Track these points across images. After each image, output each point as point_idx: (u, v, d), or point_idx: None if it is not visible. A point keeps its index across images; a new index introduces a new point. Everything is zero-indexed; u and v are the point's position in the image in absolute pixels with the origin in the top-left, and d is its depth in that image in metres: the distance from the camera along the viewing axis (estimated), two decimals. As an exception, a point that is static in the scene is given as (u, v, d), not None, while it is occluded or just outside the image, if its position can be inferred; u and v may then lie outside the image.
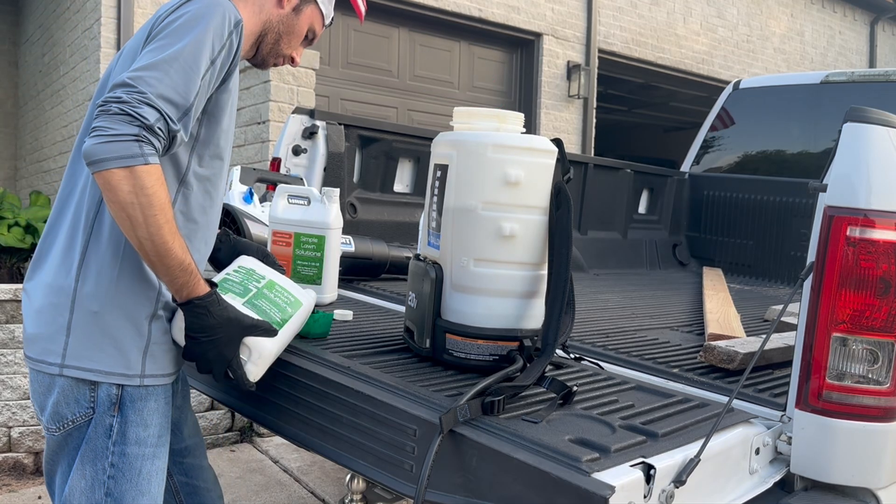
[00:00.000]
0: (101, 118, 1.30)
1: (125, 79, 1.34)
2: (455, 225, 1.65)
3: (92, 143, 1.29)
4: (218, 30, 1.44)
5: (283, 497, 3.68)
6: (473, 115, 1.72)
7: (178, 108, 1.37)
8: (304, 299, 1.71)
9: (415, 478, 1.34)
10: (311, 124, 2.89)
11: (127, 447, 1.48)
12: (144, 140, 1.30)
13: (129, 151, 1.29)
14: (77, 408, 1.46)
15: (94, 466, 1.46)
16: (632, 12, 9.35)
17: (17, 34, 8.95)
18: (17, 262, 5.15)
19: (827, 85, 4.09)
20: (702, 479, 1.27)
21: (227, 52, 1.47)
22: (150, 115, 1.32)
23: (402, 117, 7.82)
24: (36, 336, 1.48)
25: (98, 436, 1.46)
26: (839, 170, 1.43)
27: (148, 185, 1.31)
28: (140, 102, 1.31)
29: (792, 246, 3.92)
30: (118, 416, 1.46)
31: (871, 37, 12.65)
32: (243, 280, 1.62)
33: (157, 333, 1.50)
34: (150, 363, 1.49)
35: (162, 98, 1.34)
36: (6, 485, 3.72)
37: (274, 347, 1.57)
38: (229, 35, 1.47)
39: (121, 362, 1.46)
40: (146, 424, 1.50)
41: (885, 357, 1.39)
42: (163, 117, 1.34)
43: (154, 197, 1.32)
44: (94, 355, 1.44)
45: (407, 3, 7.54)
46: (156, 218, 1.33)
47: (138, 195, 1.30)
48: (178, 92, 1.37)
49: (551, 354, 1.56)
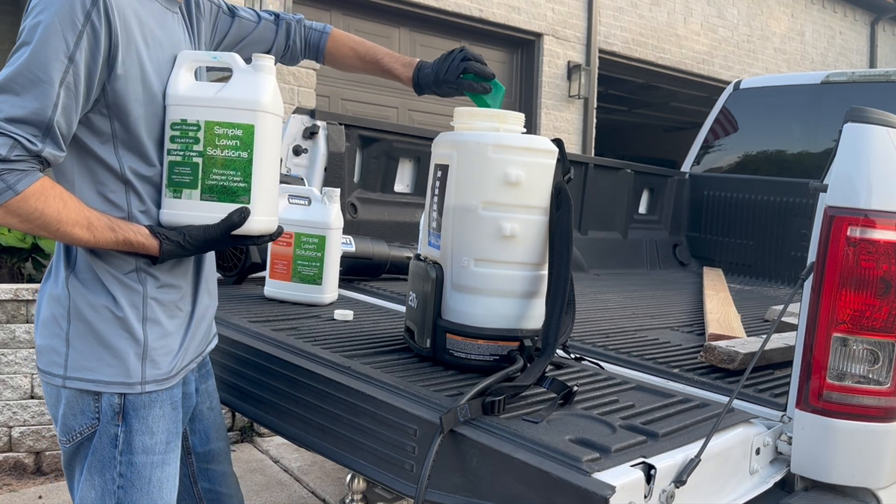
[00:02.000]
0: None
1: None
2: (455, 225, 1.65)
3: None
4: (67, 20, 1.28)
5: (283, 497, 3.68)
6: (474, 116, 1.72)
7: (36, 126, 1.26)
8: (255, 109, 1.45)
9: (415, 478, 1.34)
10: (311, 124, 2.89)
11: (134, 456, 1.45)
12: (5, 172, 1.23)
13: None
14: (83, 419, 1.44)
15: (102, 477, 1.45)
16: (632, 12, 9.35)
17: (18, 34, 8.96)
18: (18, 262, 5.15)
19: (827, 85, 4.09)
20: (702, 480, 1.27)
21: (92, 38, 1.31)
22: (2, 145, 1.23)
23: (403, 117, 7.82)
24: (42, 348, 1.47)
25: (104, 446, 1.44)
26: (840, 170, 1.43)
27: (30, 209, 1.27)
28: None
29: (792, 246, 3.92)
30: (122, 425, 1.44)
31: (871, 37, 12.64)
32: (184, 151, 1.44)
33: (153, 337, 1.46)
34: (151, 368, 1.45)
35: (12, 121, 1.25)
36: (7, 484, 3.72)
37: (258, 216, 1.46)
38: (86, 19, 1.30)
39: (120, 371, 1.43)
40: (152, 432, 1.47)
41: (886, 357, 1.39)
42: (17, 143, 1.24)
43: (45, 215, 1.29)
44: (93, 365, 1.42)
45: (407, 3, 7.54)
46: (60, 230, 1.31)
47: (30, 221, 1.28)
48: (30, 110, 1.26)
49: (552, 354, 1.56)
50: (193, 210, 1.44)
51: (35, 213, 1.28)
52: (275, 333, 1.89)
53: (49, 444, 3.90)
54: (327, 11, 7.18)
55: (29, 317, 3.86)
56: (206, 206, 1.44)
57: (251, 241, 1.52)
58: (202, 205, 1.44)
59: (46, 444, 3.90)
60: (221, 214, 1.43)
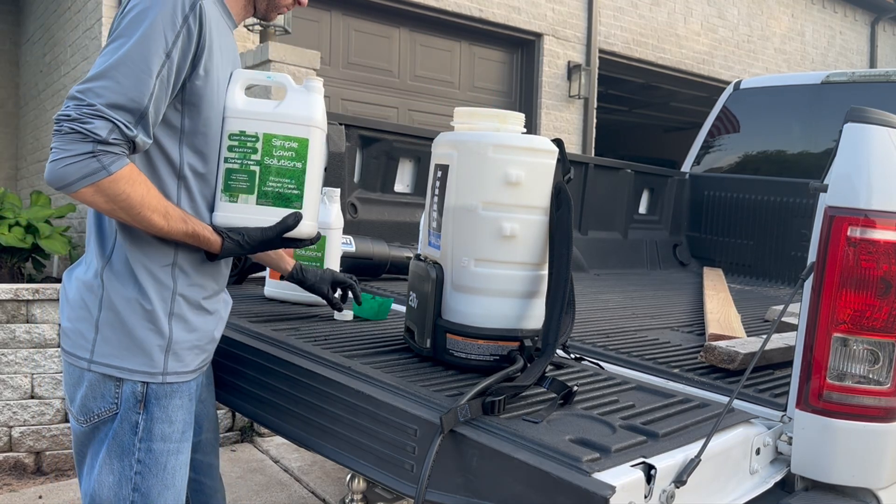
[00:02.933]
0: (56, 139, 1.32)
1: (75, 92, 1.34)
2: (456, 225, 1.65)
3: (52, 168, 1.32)
4: (168, 20, 1.40)
5: (283, 497, 3.68)
6: (474, 116, 1.72)
7: (132, 113, 1.36)
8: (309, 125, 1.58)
9: (415, 478, 1.34)
10: (311, 124, 2.88)
11: (153, 443, 1.51)
12: (101, 153, 1.32)
13: (89, 169, 1.32)
14: (103, 402, 1.50)
15: (121, 462, 1.50)
16: (632, 12, 9.35)
17: (18, 34, 8.95)
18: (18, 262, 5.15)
19: (827, 85, 4.09)
20: (702, 480, 1.27)
21: (186, 39, 1.43)
22: (102, 128, 1.32)
23: (403, 117, 7.82)
24: (68, 330, 1.52)
25: (125, 432, 1.50)
26: (840, 170, 1.43)
27: (119, 191, 1.35)
28: (90, 116, 1.32)
29: (792, 246, 3.92)
30: (144, 413, 1.50)
31: (871, 37, 12.64)
32: (242, 160, 1.56)
33: (178, 332, 1.53)
34: (173, 361, 1.52)
35: (112, 107, 1.34)
36: (7, 484, 3.72)
37: (308, 220, 1.58)
38: (184, 21, 1.42)
39: (144, 361, 1.49)
40: (171, 420, 1.53)
41: (886, 357, 1.39)
42: (116, 127, 1.34)
43: (130, 198, 1.37)
44: (119, 353, 1.48)
45: (407, 3, 7.54)
46: (140, 214, 1.40)
47: (116, 202, 1.37)
48: (130, 97, 1.35)
49: (552, 354, 1.56)
50: (248, 213, 1.56)
51: (122, 195, 1.36)
52: (275, 333, 1.89)
53: (49, 444, 3.90)
54: (327, 11, 7.18)
55: (29, 317, 3.86)
56: (262, 210, 1.57)
57: (297, 244, 1.62)
58: (257, 209, 1.57)
59: (46, 444, 3.90)
60: (275, 218, 1.55)
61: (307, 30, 6.92)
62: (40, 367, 3.89)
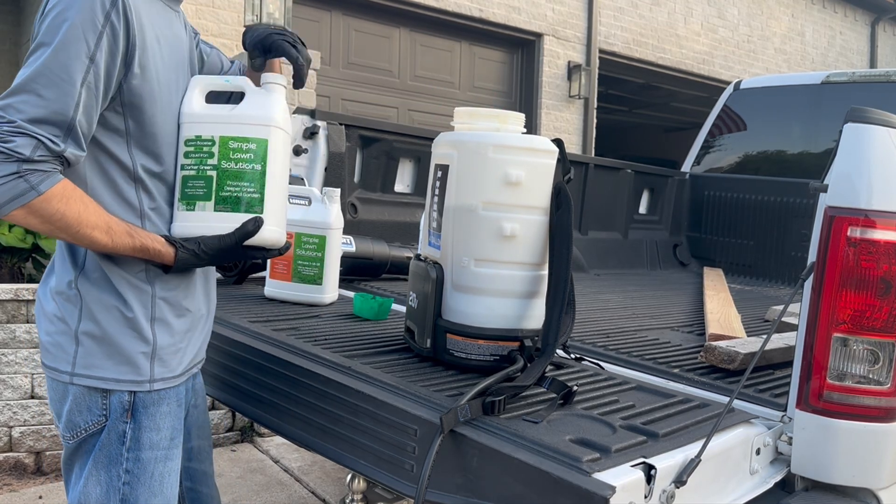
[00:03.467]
0: None
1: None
2: (456, 225, 1.65)
3: None
4: (88, 21, 1.30)
5: (283, 497, 3.68)
6: (474, 116, 1.72)
7: (58, 126, 1.28)
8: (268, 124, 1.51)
9: (415, 478, 1.34)
10: (311, 124, 2.89)
11: (141, 452, 1.47)
12: (28, 172, 1.24)
13: (17, 190, 1.24)
14: (90, 416, 1.45)
15: (108, 473, 1.46)
16: (632, 13, 9.35)
17: (18, 34, 8.96)
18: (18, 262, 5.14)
19: (828, 85, 4.09)
20: (702, 480, 1.27)
21: (111, 38, 1.32)
22: (25, 146, 1.24)
23: (403, 117, 7.82)
24: (47, 344, 1.47)
25: (112, 442, 1.46)
26: (840, 170, 1.43)
27: (53, 211, 1.28)
28: (11, 134, 1.23)
29: (792, 246, 3.92)
30: (131, 422, 1.46)
31: (871, 37, 12.64)
32: (198, 165, 1.48)
33: (162, 337, 1.48)
34: (159, 367, 1.48)
35: (35, 122, 1.26)
36: (7, 484, 3.72)
37: (271, 226, 1.49)
38: (106, 20, 1.31)
39: (130, 370, 1.45)
40: (158, 428, 1.49)
41: (886, 357, 1.39)
42: (41, 143, 1.25)
43: (66, 217, 1.30)
44: (102, 363, 1.43)
45: (408, 4, 7.54)
46: (80, 232, 1.32)
47: (51, 222, 1.29)
48: (53, 109, 1.27)
49: (552, 354, 1.56)
50: (207, 221, 1.48)
51: (57, 215, 1.29)
52: (275, 333, 1.89)
53: (49, 444, 3.90)
54: (327, 11, 7.18)
55: (29, 317, 3.86)
56: (220, 216, 1.47)
57: (262, 254, 1.54)
58: (216, 216, 1.48)
59: (47, 444, 3.90)
60: (235, 224, 1.46)
61: (307, 30, 6.92)
62: (40, 368, 3.89)
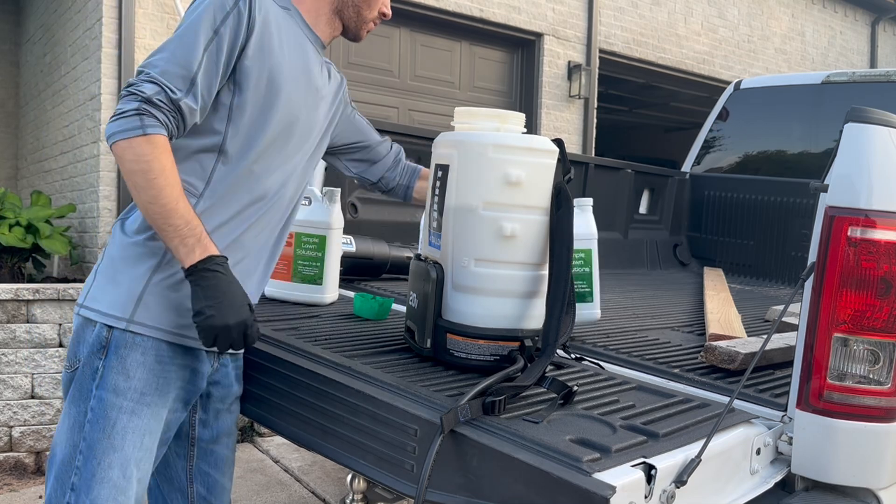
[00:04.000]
0: (118, 103, 1.46)
1: (139, 67, 1.49)
2: (456, 225, 1.65)
3: (108, 124, 1.44)
4: (218, 6, 1.52)
5: (283, 497, 3.68)
6: (474, 115, 1.72)
7: (181, 78, 1.47)
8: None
9: (415, 478, 1.34)
10: (312, 124, 2.88)
11: (105, 392, 1.49)
12: (145, 113, 1.42)
13: (130, 125, 1.41)
14: (82, 346, 1.53)
15: (77, 407, 1.51)
16: (633, 12, 9.35)
17: (19, 34, 8.95)
18: (19, 262, 5.14)
19: (828, 85, 4.09)
20: (703, 480, 1.27)
21: (235, 20, 1.53)
22: (149, 88, 1.44)
23: (403, 117, 7.82)
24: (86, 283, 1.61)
25: (85, 376, 1.51)
26: (840, 170, 1.43)
27: (146, 152, 1.42)
28: (142, 81, 1.45)
29: (793, 246, 3.92)
30: (104, 359, 1.50)
31: (871, 37, 12.64)
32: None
33: (155, 282, 1.53)
34: (142, 311, 1.52)
35: (163, 73, 1.46)
36: (7, 484, 3.72)
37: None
38: (234, 5, 1.53)
39: (115, 304, 1.51)
40: (127, 375, 1.50)
41: (886, 357, 1.39)
42: (162, 89, 1.45)
43: (153, 162, 1.42)
44: (100, 297, 1.54)
45: (408, 3, 7.53)
46: (156, 180, 1.43)
47: (139, 162, 1.42)
48: (178, 63, 1.47)
49: (552, 354, 1.56)
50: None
51: (148, 156, 1.42)
52: (275, 333, 1.89)
53: (49, 443, 3.90)
54: (328, 11, 7.17)
55: (30, 317, 3.86)
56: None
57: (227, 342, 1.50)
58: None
59: (47, 443, 3.90)
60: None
61: (307, 30, 6.91)
62: (41, 367, 3.89)
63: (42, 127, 7.81)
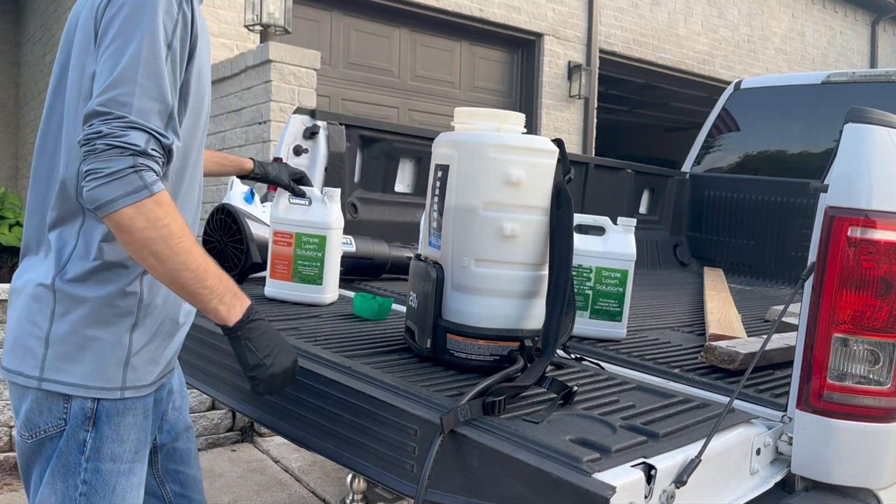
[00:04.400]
0: (90, 160, 1.20)
1: (96, 107, 1.22)
2: (456, 225, 1.65)
3: (91, 188, 1.20)
4: (165, 8, 1.28)
5: (283, 497, 3.68)
6: (474, 116, 1.72)
7: (158, 114, 1.26)
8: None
9: (415, 478, 1.34)
10: (312, 124, 2.89)
11: (101, 463, 1.39)
12: (143, 168, 1.21)
13: (130, 186, 1.20)
14: (49, 417, 1.37)
15: (65, 483, 1.38)
16: (633, 12, 9.35)
17: (19, 34, 8.96)
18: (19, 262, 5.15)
19: (828, 85, 4.09)
20: (703, 480, 1.27)
21: (183, 27, 1.31)
22: (139, 138, 1.22)
23: (403, 117, 7.82)
24: (13, 345, 1.40)
25: (70, 451, 1.38)
26: (840, 170, 1.43)
27: (161, 215, 1.22)
28: (123, 128, 1.21)
29: (793, 246, 3.92)
30: (93, 430, 1.38)
31: (872, 37, 12.64)
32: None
33: (138, 343, 1.40)
34: (131, 375, 1.40)
35: (140, 113, 1.23)
36: (7, 484, 3.73)
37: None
38: (179, 9, 1.31)
39: (99, 375, 1.36)
40: (122, 440, 1.41)
41: (886, 358, 1.39)
42: (152, 136, 1.23)
43: (172, 225, 1.24)
44: (70, 368, 1.35)
45: (408, 3, 7.54)
46: (180, 244, 1.25)
47: (156, 229, 1.22)
48: (152, 97, 1.24)
49: (552, 355, 1.56)
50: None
51: (165, 220, 1.23)
52: (275, 333, 1.89)
53: (49, 443, 3.90)
54: (328, 11, 7.18)
55: (29, 317, 3.86)
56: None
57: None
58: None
59: (47, 443, 3.90)
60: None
61: (307, 30, 6.92)
62: (41, 367, 3.88)
63: (42, 127, 7.79)
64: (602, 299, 2.09)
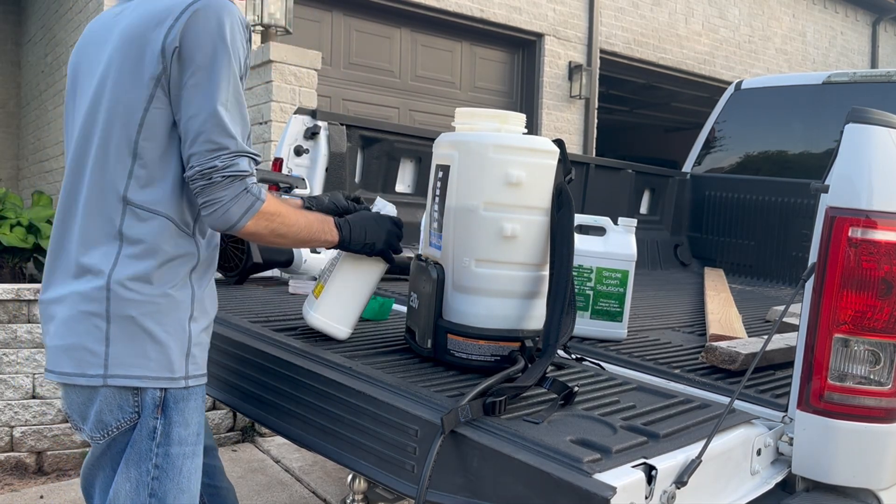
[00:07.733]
0: (209, 191, 1.42)
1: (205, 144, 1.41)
2: (457, 225, 1.66)
3: (217, 216, 1.43)
4: (238, 42, 1.47)
5: (284, 497, 3.68)
6: (475, 116, 1.72)
7: (246, 134, 1.48)
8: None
9: (416, 478, 1.34)
10: (312, 125, 2.89)
11: (171, 447, 1.51)
12: (251, 185, 1.46)
13: (248, 203, 1.45)
14: (121, 414, 1.47)
15: (138, 469, 1.49)
16: (633, 13, 9.35)
17: (20, 34, 8.96)
18: (20, 262, 5.15)
19: (829, 85, 4.09)
20: (703, 480, 1.27)
21: (244, 58, 1.50)
22: (246, 164, 1.45)
23: (404, 118, 7.82)
24: (69, 347, 1.46)
25: (143, 438, 1.49)
26: (841, 171, 1.43)
27: (273, 212, 1.50)
28: (232, 159, 1.43)
29: (793, 247, 3.92)
30: (162, 417, 1.49)
31: (872, 37, 12.63)
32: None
33: (196, 334, 1.53)
34: (192, 364, 1.52)
35: (240, 140, 1.45)
36: (8, 484, 3.73)
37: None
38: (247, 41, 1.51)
39: (165, 366, 1.48)
40: (187, 423, 1.53)
41: (887, 358, 1.39)
42: (251, 158, 1.48)
43: (283, 216, 1.53)
44: (137, 361, 1.46)
45: (409, 4, 7.54)
46: (295, 226, 1.57)
47: (276, 227, 1.52)
48: (242, 122, 1.47)
49: (553, 355, 1.56)
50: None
51: (278, 218, 1.52)
52: (275, 333, 1.89)
53: (50, 443, 3.90)
54: (328, 11, 7.18)
55: (31, 317, 3.86)
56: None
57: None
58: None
59: (48, 443, 3.90)
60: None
61: (308, 30, 6.93)
62: (42, 368, 3.89)
63: (43, 127, 7.81)
64: (603, 299, 2.09)
